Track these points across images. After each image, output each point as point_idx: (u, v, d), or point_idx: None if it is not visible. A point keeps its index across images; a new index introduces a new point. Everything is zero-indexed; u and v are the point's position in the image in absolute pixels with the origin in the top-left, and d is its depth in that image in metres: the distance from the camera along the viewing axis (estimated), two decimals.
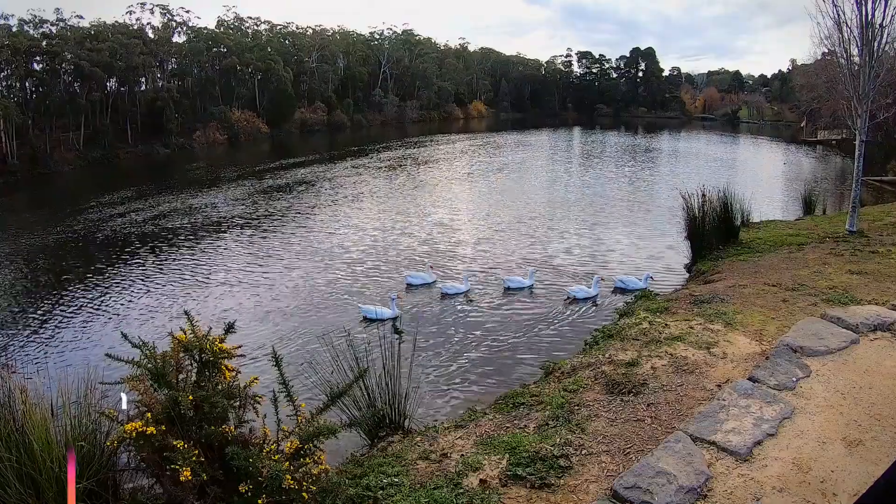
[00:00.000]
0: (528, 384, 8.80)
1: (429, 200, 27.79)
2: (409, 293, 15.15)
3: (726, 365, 7.89)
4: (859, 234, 17.05)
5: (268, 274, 16.80)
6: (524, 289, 15.55)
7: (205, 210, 25.67)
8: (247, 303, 14.38)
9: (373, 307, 13.32)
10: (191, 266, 17.56)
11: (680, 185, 25.44)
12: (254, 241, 20.54)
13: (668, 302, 11.74)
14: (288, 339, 12.02)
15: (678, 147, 64.44)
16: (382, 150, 53.11)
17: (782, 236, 17.72)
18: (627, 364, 8.15)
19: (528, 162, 45.43)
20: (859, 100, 16.61)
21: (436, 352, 11.62)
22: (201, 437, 4.86)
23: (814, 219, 21.69)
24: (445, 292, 15.24)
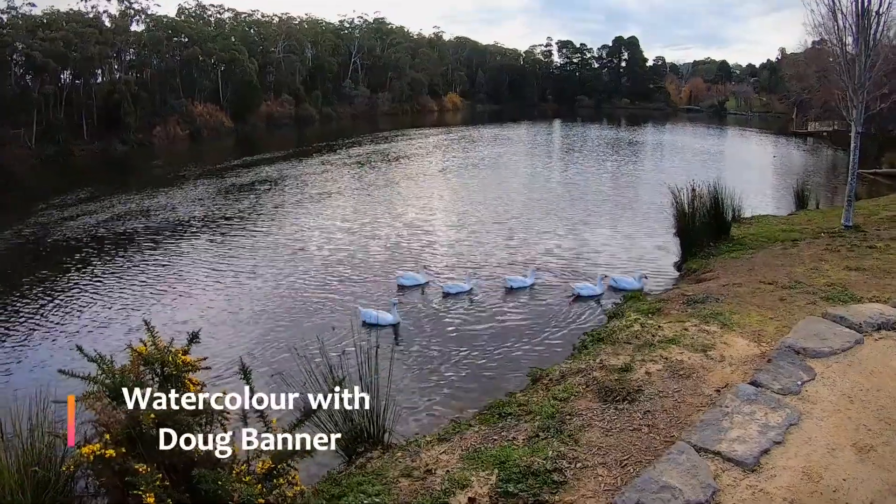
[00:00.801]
0: (514, 393, 8.72)
1: (400, 199, 27.60)
2: (400, 295, 15.03)
3: (725, 368, 7.87)
4: (855, 228, 17.22)
5: (233, 279, 16.52)
6: (526, 288, 15.52)
7: (164, 211, 25.27)
8: (211, 311, 14.12)
9: (374, 312, 13.16)
10: (149, 272, 17.22)
11: (666, 181, 25.47)
12: (217, 244, 20.23)
13: (660, 302, 11.73)
14: (257, 349, 11.80)
15: (663, 140, 64.76)
16: (352, 144, 52.77)
17: (775, 232, 17.86)
18: (620, 369, 8.10)
19: (506, 157, 45.37)
20: (855, 90, 16.75)
21: (416, 359, 11.47)
22: (165, 458, 4.70)
23: (807, 213, 21.89)
24: (448, 291, 15.19)
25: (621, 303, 13.32)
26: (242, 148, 53.37)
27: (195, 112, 66.41)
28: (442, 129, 71.90)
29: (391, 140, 57.20)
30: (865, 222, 18.22)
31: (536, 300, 14.93)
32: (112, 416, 4.80)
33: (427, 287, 15.54)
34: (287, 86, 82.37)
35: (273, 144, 54.54)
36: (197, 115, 66.37)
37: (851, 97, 16.99)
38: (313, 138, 59.57)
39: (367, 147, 50.85)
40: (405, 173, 36.10)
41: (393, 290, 15.36)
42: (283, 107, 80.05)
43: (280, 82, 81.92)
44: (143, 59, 68.09)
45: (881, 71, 17.16)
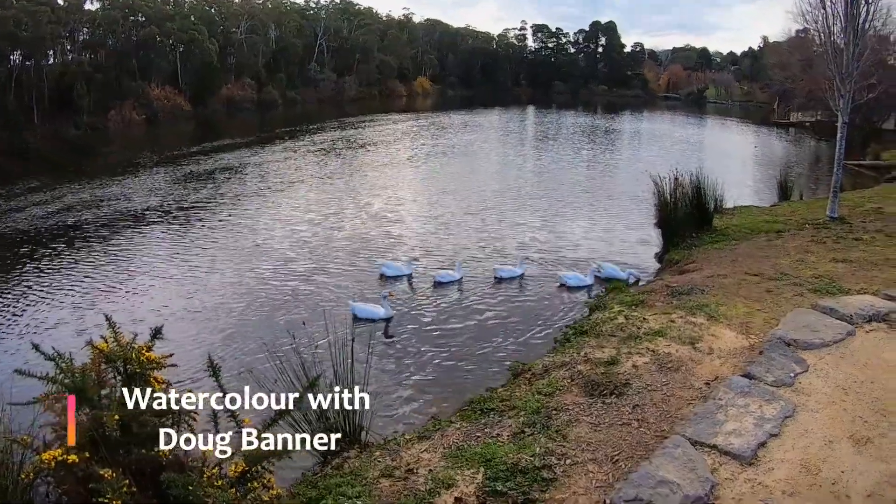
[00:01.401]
0: (495, 388, 8.70)
1: (366, 189, 27.37)
2: (384, 285, 14.96)
3: (713, 361, 7.96)
4: (841, 220, 17.49)
5: (193, 273, 16.27)
6: (516, 278, 15.57)
7: (118, 201, 24.82)
8: (171, 306, 13.88)
9: (366, 305, 13.09)
10: (104, 267, 16.89)
11: (644, 170, 25.62)
12: (174, 236, 19.90)
13: (644, 294, 11.82)
14: (223, 345, 11.63)
15: (641, 128, 65.13)
16: (317, 130, 52.29)
17: (758, 223, 18.09)
18: (606, 363, 8.16)
19: (477, 144, 45.26)
20: (842, 80, 16.97)
21: (393, 353, 11.40)
22: (131, 462, 4.60)
23: (791, 204, 22.17)
24: (439, 281, 15.26)
25: (604, 294, 13.40)
26: (201, 133, 52.62)
27: (152, 95, 65.30)
28: (411, 115, 71.53)
29: (358, 126, 56.83)
30: (850, 214, 18.50)
31: (520, 291, 14.95)
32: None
33: (412, 277, 15.49)
34: (249, 68, 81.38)
35: (234, 130, 53.85)
36: (154, 99, 65.27)
37: (838, 86, 17.19)
38: (276, 124, 59.01)
39: (333, 133, 50.47)
40: (372, 161, 35.87)
41: (363, 282, 15.27)
42: (245, 90, 79.03)
43: (242, 64, 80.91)
44: (97, 40, 66.79)
45: (869, 61, 17.40)
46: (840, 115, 17.58)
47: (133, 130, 55.74)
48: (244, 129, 53.85)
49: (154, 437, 4.84)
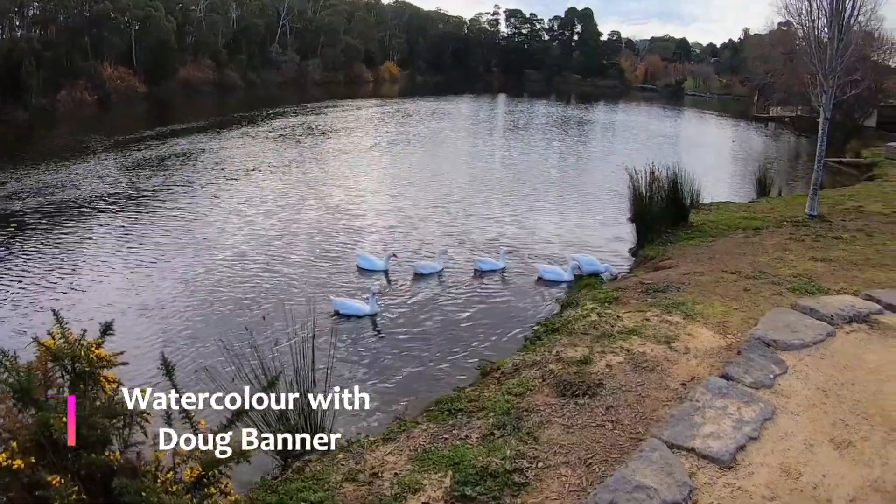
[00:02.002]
0: (462, 388, 8.70)
1: (327, 179, 27.14)
2: (359, 278, 14.89)
3: (690, 361, 8.02)
4: (820, 218, 17.78)
5: (147, 265, 15.99)
6: (496, 271, 15.64)
7: (65, 188, 24.30)
8: (124, 300, 13.62)
9: (349, 301, 12.97)
10: (52, 258, 16.52)
11: (618, 163, 25.71)
12: (125, 226, 19.53)
13: (617, 291, 11.90)
14: (178, 341, 11.46)
15: (615, 120, 65.61)
16: (278, 116, 51.81)
17: (736, 219, 18.33)
18: (579, 362, 8.19)
19: (444, 133, 45.20)
20: (825, 75, 17.20)
21: (356, 350, 11.31)
22: (80, 467, 4.48)
23: (769, 201, 22.46)
24: (420, 272, 15.33)
25: (575, 291, 13.44)
26: (156, 116, 51.85)
27: (105, 75, 64.16)
28: (377, 101, 71.29)
29: (321, 112, 56.44)
30: (830, 212, 18.79)
31: (502, 286, 15.00)
32: (18, 420, 4.55)
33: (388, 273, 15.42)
34: (208, 48, 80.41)
35: (190, 113, 53.14)
36: (107, 79, 64.14)
37: (821, 81, 17.43)
38: (235, 107, 58.37)
39: (294, 119, 50.05)
40: (333, 149, 35.58)
41: (323, 276, 15.14)
42: (203, 71, 78.11)
43: (200, 44, 79.91)
44: (48, 15, 65.41)
45: (853, 56, 17.63)
46: (822, 110, 17.82)
47: (84, 112, 54.71)
48: (201, 113, 53.18)
49: (105, 441, 4.74)
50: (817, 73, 17.37)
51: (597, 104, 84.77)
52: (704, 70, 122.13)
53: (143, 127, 42.81)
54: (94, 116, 52.45)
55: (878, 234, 15.68)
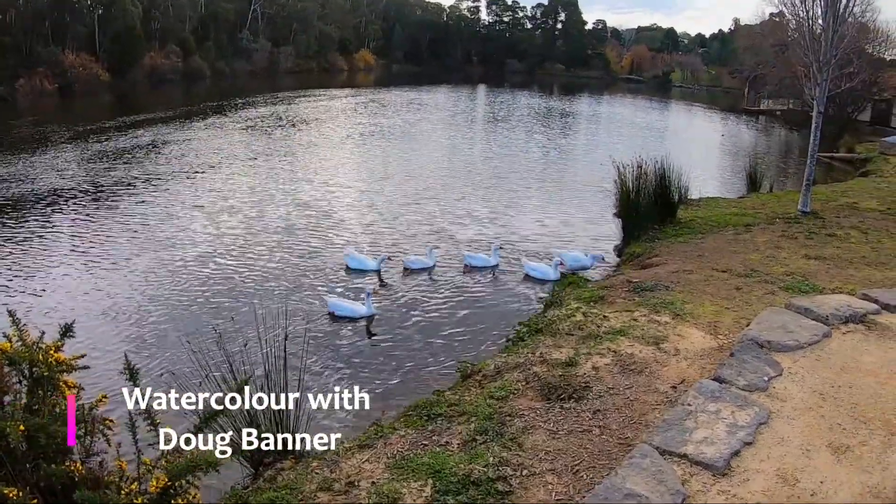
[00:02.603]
0: (442, 391, 8.62)
1: (297, 173, 26.94)
2: (341, 277, 14.83)
3: (680, 363, 8.04)
4: (813, 214, 17.91)
5: (109, 263, 15.79)
6: (489, 268, 15.71)
7: (23, 182, 23.96)
8: (85, 299, 13.44)
9: (344, 302, 12.89)
10: (7, 256, 16.30)
11: (602, 157, 25.79)
12: (85, 222, 19.27)
13: (603, 290, 11.89)
14: (142, 344, 11.31)
15: (600, 112, 65.91)
16: (247, 106, 51.63)
17: (726, 216, 18.41)
18: (564, 364, 8.16)
19: (421, 125, 45.17)
20: (820, 67, 17.31)
21: (330, 351, 11.24)
22: (40, 479, 4.39)
23: (759, 197, 22.59)
24: (409, 267, 15.43)
25: (559, 289, 13.42)
26: (120, 106, 51.43)
27: (66, 62, 63.58)
28: (351, 91, 71.25)
29: (292, 102, 56.30)
30: (823, 209, 18.91)
31: (492, 283, 15.06)
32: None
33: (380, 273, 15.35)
34: (175, 35, 79.91)
35: (156, 103, 52.77)
36: (68, 67, 63.58)
37: (815, 74, 17.55)
38: (203, 97, 58.12)
39: (264, 109, 49.88)
40: (305, 142, 35.46)
41: (292, 275, 15.03)
42: (170, 59, 77.63)
43: (167, 31, 79.35)
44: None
45: (848, 48, 17.74)
46: (815, 104, 17.94)
47: (44, 101, 54.17)
48: (167, 103, 52.85)
49: (66, 450, 4.66)
50: (811, 65, 17.48)
51: (581, 96, 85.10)
52: (692, 61, 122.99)
53: (105, 117, 42.48)
54: (54, 106, 52.00)
55: (872, 232, 15.82)
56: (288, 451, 6.92)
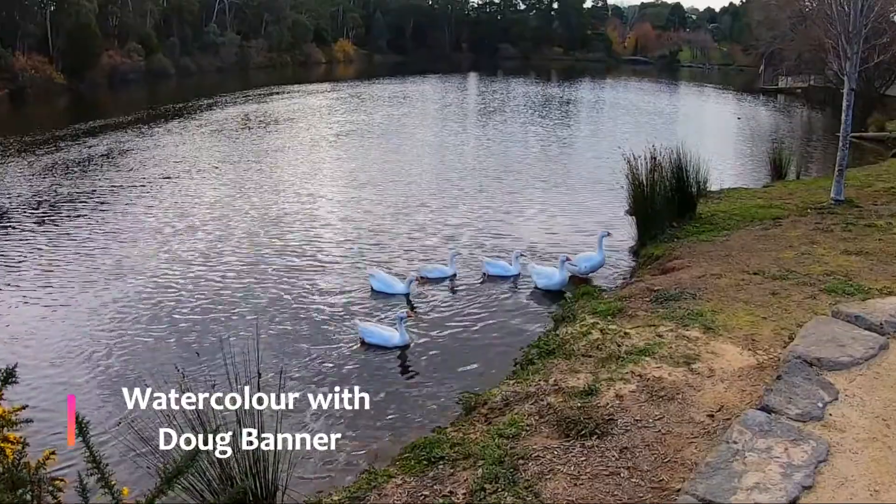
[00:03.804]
0: (443, 427, 8.30)
1: (270, 181, 26.42)
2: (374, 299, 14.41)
3: (716, 386, 7.70)
4: (848, 203, 17.66)
5: (58, 291, 15.23)
6: (509, 277, 15.42)
7: None
8: (31, 337, 12.99)
9: (378, 329, 12.26)
10: None
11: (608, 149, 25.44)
12: (35, 242, 18.83)
13: (621, 301, 11.52)
14: (94, 388, 10.85)
15: (603, 98, 65.71)
16: (215, 106, 51.33)
17: (750, 208, 18.16)
18: (582, 392, 7.81)
19: (408, 121, 44.80)
20: (849, 39, 16.96)
21: (313, 382, 10.78)
22: None
23: (786, 185, 22.37)
24: (426, 276, 15.17)
25: (570, 301, 13.01)
26: (76, 111, 51.21)
27: (17, 65, 63.48)
28: (330, 86, 71.19)
29: (265, 100, 56.08)
30: (858, 196, 18.70)
31: (512, 294, 14.72)
32: None
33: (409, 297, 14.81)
34: (135, 31, 79.72)
35: (115, 106, 52.60)
36: (19, 70, 63.48)
37: (844, 47, 17.23)
38: (167, 98, 57.85)
39: (234, 109, 49.60)
40: (279, 145, 34.98)
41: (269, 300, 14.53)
42: (131, 58, 77.46)
43: (126, 27, 79.21)
44: None
45: (880, 16, 17.46)
46: (846, 80, 17.64)
47: None
48: (128, 106, 52.61)
49: None
50: (839, 37, 17.15)
51: (581, 81, 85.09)
52: (702, 38, 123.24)
53: (59, 124, 42.09)
54: (5, 113, 51.63)
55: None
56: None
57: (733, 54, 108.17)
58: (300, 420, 9.61)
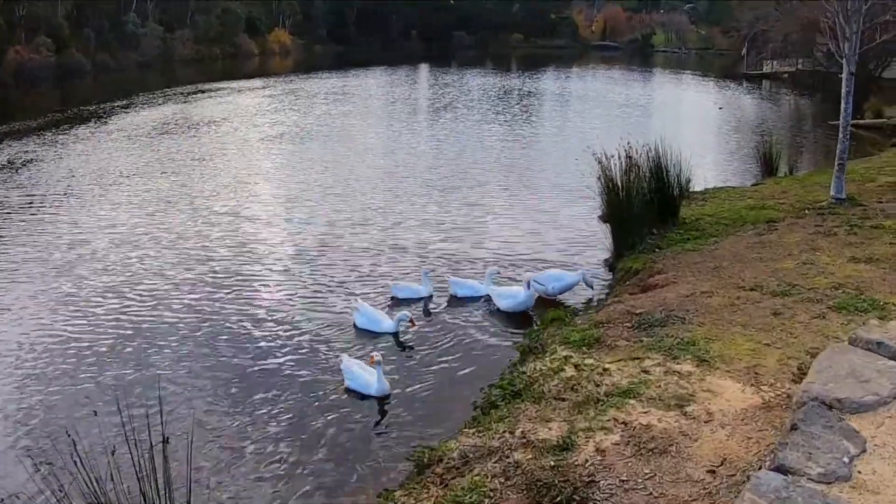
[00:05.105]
0: (391, 490, 7.76)
1: (197, 191, 25.65)
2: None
3: (716, 433, 7.20)
4: (850, 201, 17.45)
5: None
6: (479, 298, 15.08)
7: None
8: None
9: (359, 371, 11.35)
10: None
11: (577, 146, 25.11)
12: None
13: (598, 327, 10.99)
14: None
15: (569, 89, 66.21)
16: (135, 107, 50.69)
17: (740, 210, 17.96)
18: (556, 447, 7.24)
19: (350, 121, 44.35)
20: (847, 17, 16.83)
21: (231, 441, 10.08)
22: None
23: (778, 182, 22.37)
24: (396, 296, 14.98)
25: (538, 329, 12.45)
26: None
27: None
28: (264, 81, 71.21)
29: (190, 99, 55.62)
30: (861, 192, 18.59)
31: (483, 318, 14.25)
32: None
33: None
34: (45, 23, 78.80)
35: (22, 110, 51.89)
36: None
37: (842, 27, 17.09)
38: (82, 99, 57.17)
39: (155, 111, 48.98)
40: (202, 153, 34.09)
41: (194, 340, 13.70)
42: (40, 53, 76.80)
43: (34, 18, 78.40)
44: None
45: None
46: (845, 63, 17.57)
47: None
48: (38, 109, 51.91)
49: None
50: (836, 15, 17.01)
51: (545, 70, 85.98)
52: (678, 20, 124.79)
53: None
54: None
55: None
56: None
57: (712, 37, 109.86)
58: (217, 481, 8.96)
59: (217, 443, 9.89)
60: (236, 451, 9.68)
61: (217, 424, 10.45)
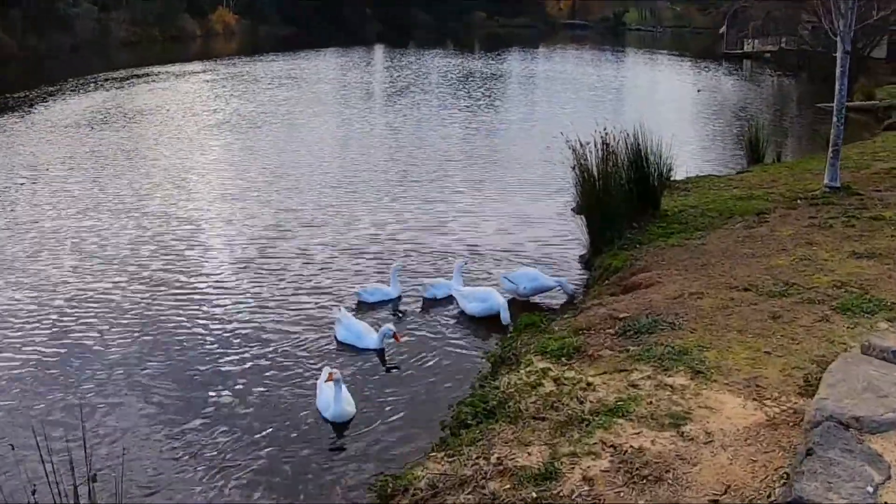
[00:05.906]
0: None
1: (130, 185, 25.08)
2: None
3: (717, 456, 6.88)
4: (845, 190, 17.43)
5: None
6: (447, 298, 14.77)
7: None
8: None
9: (327, 394, 10.89)
10: None
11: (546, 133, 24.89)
12: None
13: (578, 334, 10.62)
14: None
15: (536, 71, 66.50)
16: (66, 94, 49.98)
17: (727, 200, 17.87)
18: (537, 476, 6.86)
19: (299, 108, 43.87)
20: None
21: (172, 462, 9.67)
22: None
23: (765, 169, 22.49)
24: (364, 300, 14.57)
25: (511, 336, 12.11)
26: None
27: None
28: (206, 64, 70.79)
29: (127, 84, 55.06)
30: (856, 180, 18.65)
31: (457, 320, 13.88)
32: None
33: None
34: None
35: None
36: None
37: (836, 2, 17.11)
38: (8, 86, 56.16)
39: (89, 97, 48.38)
40: (142, 141, 33.54)
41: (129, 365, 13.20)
42: None
43: None
44: None
45: None
46: (840, 41, 17.53)
47: None
48: None
49: None
50: None
51: (510, 51, 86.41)
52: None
53: None
54: None
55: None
56: None
57: (689, 15, 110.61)
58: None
59: (150, 476, 9.48)
60: (171, 486, 9.27)
61: (151, 455, 10.03)
